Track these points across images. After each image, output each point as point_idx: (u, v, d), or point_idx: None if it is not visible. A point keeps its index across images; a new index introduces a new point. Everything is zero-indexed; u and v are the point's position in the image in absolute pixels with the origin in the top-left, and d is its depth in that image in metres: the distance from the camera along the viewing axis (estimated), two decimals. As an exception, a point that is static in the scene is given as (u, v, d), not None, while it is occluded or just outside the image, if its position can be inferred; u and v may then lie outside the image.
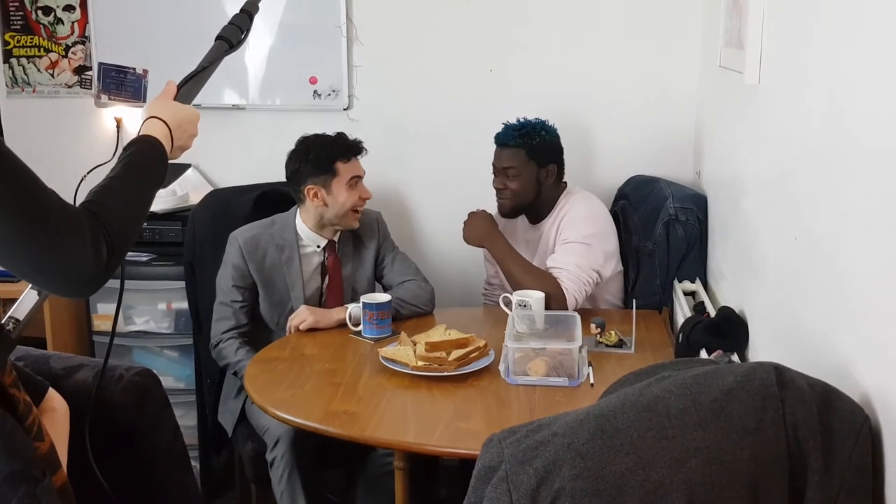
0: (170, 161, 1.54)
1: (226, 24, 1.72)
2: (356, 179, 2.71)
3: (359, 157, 2.75)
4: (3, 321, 1.49)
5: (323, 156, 2.68)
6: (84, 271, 1.26)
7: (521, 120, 2.84)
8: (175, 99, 1.62)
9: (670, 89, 3.24)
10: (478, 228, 2.82)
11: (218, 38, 1.69)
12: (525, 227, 2.94)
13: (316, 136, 2.76)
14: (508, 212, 2.87)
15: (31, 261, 1.25)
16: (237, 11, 1.75)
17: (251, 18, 1.74)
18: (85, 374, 1.86)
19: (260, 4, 1.78)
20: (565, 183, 2.92)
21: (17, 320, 1.50)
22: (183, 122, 1.57)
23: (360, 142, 2.76)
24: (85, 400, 1.74)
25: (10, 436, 1.43)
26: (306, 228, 2.77)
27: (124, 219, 1.35)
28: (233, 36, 1.70)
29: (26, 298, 1.51)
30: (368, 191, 2.75)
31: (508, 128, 2.82)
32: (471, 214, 2.86)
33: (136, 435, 1.89)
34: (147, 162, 1.47)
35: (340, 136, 2.75)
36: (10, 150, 1.26)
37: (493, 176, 2.86)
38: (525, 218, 2.94)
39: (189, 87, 1.64)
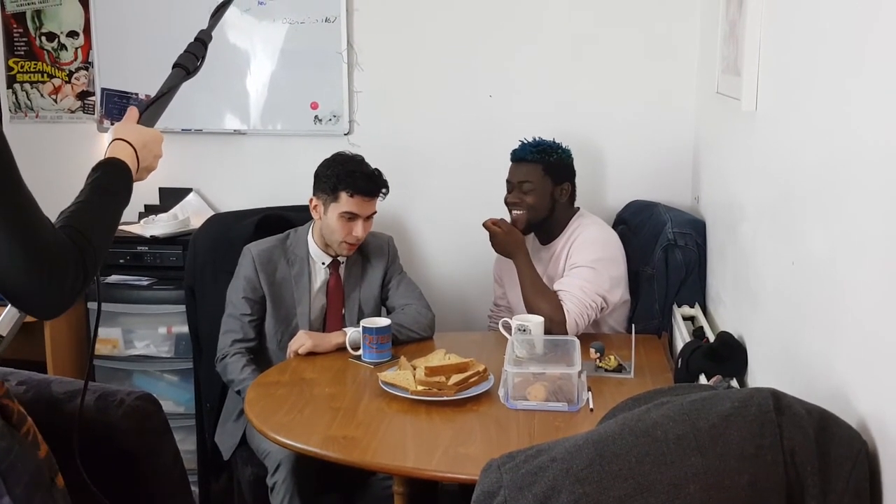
0: (136, 182, 1.61)
1: (182, 52, 1.81)
2: (350, 215, 2.68)
3: (370, 198, 2.70)
4: None
5: (334, 179, 2.68)
6: (62, 295, 1.34)
7: (538, 138, 2.89)
8: (139, 123, 1.68)
9: (668, 115, 3.27)
10: (509, 239, 2.82)
11: (175, 65, 1.78)
12: (535, 247, 2.96)
13: (350, 158, 2.73)
14: (523, 226, 2.88)
15: (15, 283, 1.32)
16: (192, 40, 1.83)
17: (205, 46, 1.83)
18: (86, 399, 1.86)
19: (213, 33, 1.86)
20: (578, 207, 2.95)
21: (1, 336, 1.51)
22: (148, 143, 1.64)
23: (381, 188, 2.71)
24: (87, 423, 1.75)
25: (20, 443, 1.48)
26: (314, 244, 2.79)
27: (98, 243, 1.42)
28: (189, 63, 1.79)
29: (7, 315, 1.51)
30: (363, 231, 2.70)
31: (526, 144, 2.88)
32: (500, 226, 2.82)
33: (137, 459, 1.89)
34: (114, 185, 1.54)
35: (365, 174, 2.69)
36: (21, 179, 1.32)
37: (506, 192, 2.89)
38: (535, 238, 2.96)
39: (151, 112, 1.72)
